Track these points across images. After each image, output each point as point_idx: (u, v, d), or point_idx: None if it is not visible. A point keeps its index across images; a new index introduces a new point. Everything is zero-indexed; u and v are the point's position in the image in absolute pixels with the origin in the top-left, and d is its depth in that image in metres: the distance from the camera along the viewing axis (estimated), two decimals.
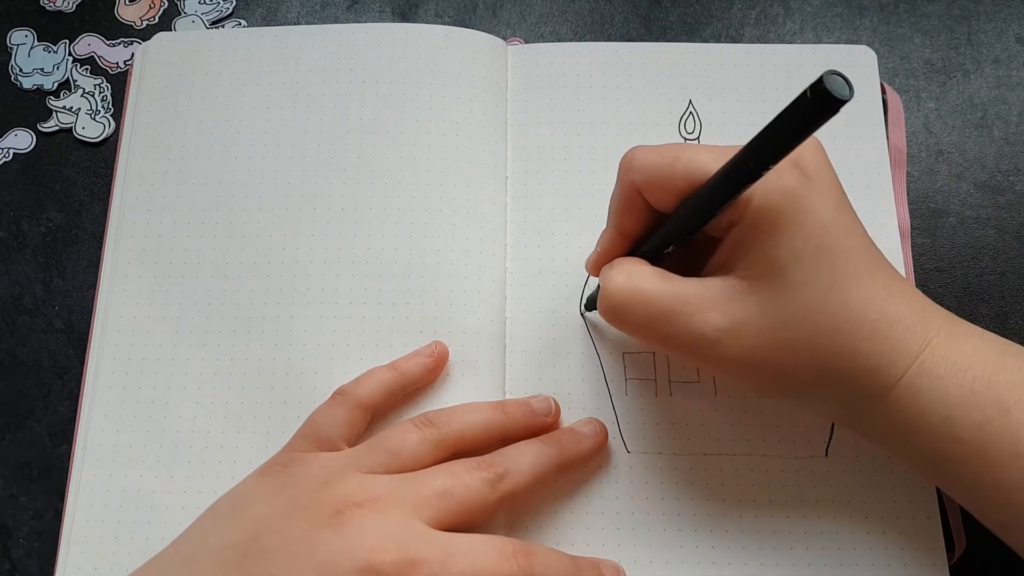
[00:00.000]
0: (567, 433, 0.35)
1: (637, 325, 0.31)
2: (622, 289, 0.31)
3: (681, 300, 0.30)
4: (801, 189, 0.28)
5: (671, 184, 0.30)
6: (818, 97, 0.22)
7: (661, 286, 0.31)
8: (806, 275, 0.28)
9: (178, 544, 0.32)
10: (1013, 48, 0.44)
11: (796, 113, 0.24)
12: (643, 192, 0.31)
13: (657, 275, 0.31)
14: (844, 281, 0.29)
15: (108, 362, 0.38)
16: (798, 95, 0.23)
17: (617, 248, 0.34)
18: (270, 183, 0.41)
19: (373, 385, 0.35)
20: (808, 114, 0.23)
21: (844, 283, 0.29)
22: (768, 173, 0.26)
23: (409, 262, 0.39)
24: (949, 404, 0.28)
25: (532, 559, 0.30)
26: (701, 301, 0.30)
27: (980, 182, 0.42)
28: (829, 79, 0.22)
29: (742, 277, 0.29)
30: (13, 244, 0.42)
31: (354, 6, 0.46)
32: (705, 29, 0.45)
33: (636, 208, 0.32)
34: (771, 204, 0.28)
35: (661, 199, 0.31)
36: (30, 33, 0.46)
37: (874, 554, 0.34)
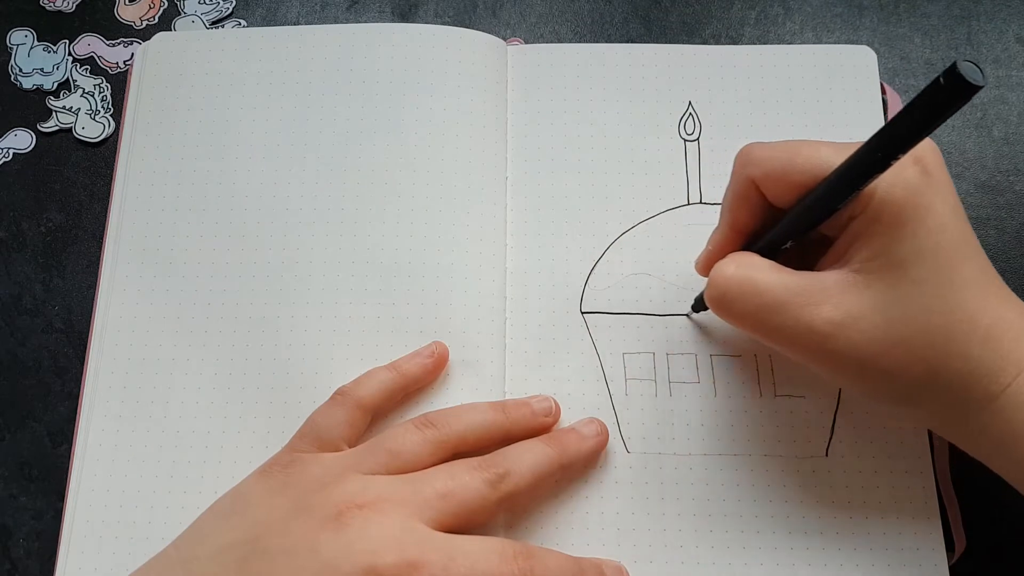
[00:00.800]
0: (568, 433, 0.35)
1: (745, 315, 0.31)
2: (732, 277, 0.31)
3: (793, 291, 0.30)
4: (924, 186, 0.28)
5: (791, 178, 0.30)
6: (951, 83, 0.23)
7: (772, 276, 0.30)
8: (925, 273, 0.28)
9: (178, 544, 0.32)
10: (1013, 48, 0.44)
11: (929, 99, 0.24)
12: (761, 186, 0.31)
13: (769, 266, 0.31)
14: (961, 283, 0.28)
15: (108, 362, 0.38)
16: (930, 82, 0.23)
17: (730, 244, 0.33)
18: (270, 183, 0.41)
19: (373, 386, 0.35)
20: (942, 100, 0.23)
21: (961, 285, 0.28)
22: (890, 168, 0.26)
23: (409, 262, 0.39)
24: None
25: (532, 561, 0.31)
26: (814, 293, 0.29)
27: (980, 182, 0.42)
28: (963, 65, 0.22)
29: (857, 271, 0.29)
30: (13, 244, 0.42)
31: (354, 6, 0.46)
32: (705, 29, 0.45)
33: (751, 203, 0.32)
34: (894, 198, 0.28)
35: (779, 194, 0.31)
36: (30, 33, 0.46)
37: (874, 554, 0.34)
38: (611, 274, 0.39)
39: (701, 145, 0.41)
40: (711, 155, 0.41)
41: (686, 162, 0.41)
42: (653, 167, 0.41)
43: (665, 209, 0.40)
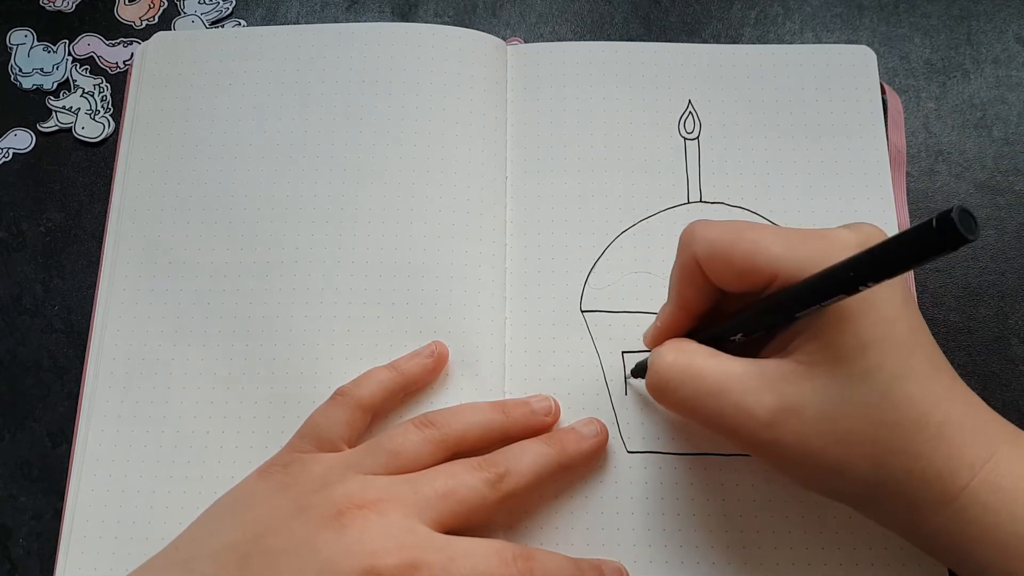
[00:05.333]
0: (568, 433, 0.35)
1: (684, 401, 0.30)
2: (673, 364, 0.30)
3: (733, 377, 0.29)
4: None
5: (731, 262, 0.29)
6: (942, 229, 0.21)
7: (712, 362, 0.30)
8: (870, 366, 0.27)
9: (178, 544, 0.32)
10: (1013, 48, 0.44)
11: (916, 238, 0.23)
12: (703, 267, 0.30)
13: (708, 352, 0.30)
14: (908, 377, 0.27)
15: (108, 362, 0.38)
16: (922, 222, 0.22)
17: (677, 324, 0.33)
18: (270, 183, 0.41)
19: (373, 386, 0.35)
20: (929, 243, 0.22)
21: (908, 379, 0.27)
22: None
23: (409, 262, 0.39)
24: (1018, 519, 0.27)
25: (532, 562, 0.31)
26: (755, 380, 0.29)
27: (980, 182, 0.42)
28: (959, 213, 0.21)
29: (801, 362, 0.28)
30: (13, 244, 0.42)
31: (354, 6, 0.46)
32: (705, 29, 0.45)
33: (697, 282, 0.31)
34: None
35: (721, 276, 0.30)
36: (30, 33, 0.46)
37: (874, 554, 0.34)
38: (611, 273, 0.39)
39: (701, 144, 0.41)
40: (711, 154, 0.41)
41: (686, 161, 0.41)
42: (653, 166, 0.41)
43: (665, 208, 0.40)
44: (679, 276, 0.32)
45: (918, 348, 0.28)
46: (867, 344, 0.27)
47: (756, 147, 0.41)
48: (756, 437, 0.29)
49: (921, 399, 0.28)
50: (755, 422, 0.28)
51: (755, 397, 0.28)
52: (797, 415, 0.28)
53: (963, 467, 0.28)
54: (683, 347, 0.31)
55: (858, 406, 0.27)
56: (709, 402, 0.29)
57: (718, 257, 0.30)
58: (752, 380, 0.29)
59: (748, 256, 0.29)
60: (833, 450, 0.28)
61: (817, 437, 0.28)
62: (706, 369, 0.30)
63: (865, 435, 0.28)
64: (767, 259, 0.28)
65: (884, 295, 0.28)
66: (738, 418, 0.29)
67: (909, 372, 0.28)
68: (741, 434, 0.29)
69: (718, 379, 0.29)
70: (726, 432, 0.30)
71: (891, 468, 0.28)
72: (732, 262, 0.29)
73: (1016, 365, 0.39)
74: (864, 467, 0.28)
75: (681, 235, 0.31)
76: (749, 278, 0.29)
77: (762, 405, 0.28)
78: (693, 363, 0.30)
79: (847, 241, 0.28)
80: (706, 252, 0.30)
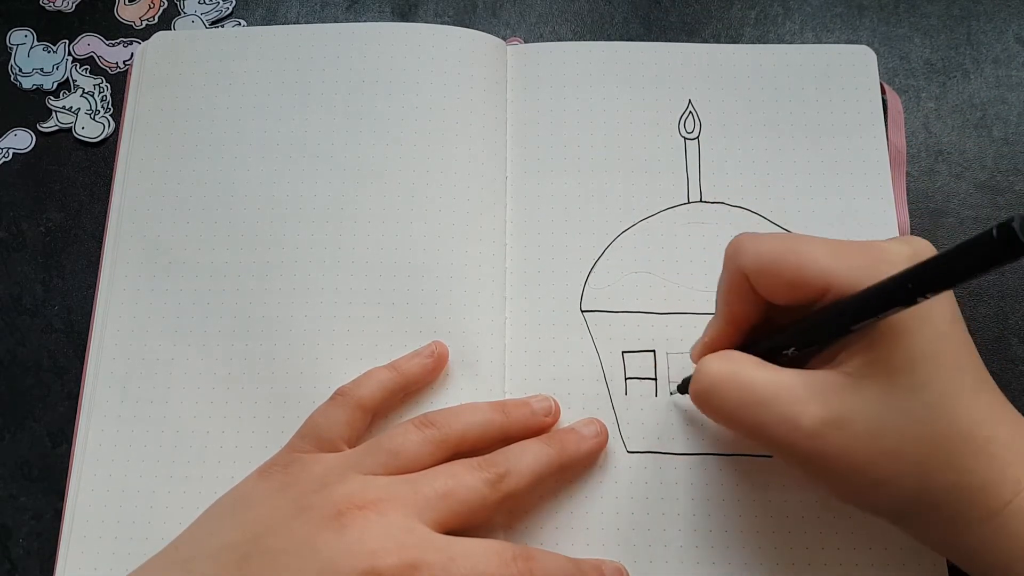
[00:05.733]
0: (568, 433, 0.35)
1: (729, 410, 0.30)
2: (718, 373, 0.30)
3: (780, 387, 0.29)
4: None
5: (782, 275, 0.29)
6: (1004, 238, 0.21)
7: (758, 372, 0.29)
8: (919, 382, 0.27)
9: (178, 544, 0.32)
10: (1013, 48, 0.44)
11: (976, 249, 0.22)
12: (752, 280, 0.30)
13: (755, 362, 0.30)
14: (956, 394, 0.27)
15: (108, 362, 0.38)
16: (981, 232, 0.22)
17: (725, 338, 0.32)
18: (270, 183, 0.41)
19: (373, 386, 0.35)
20: (989, 253, 0.22)
21: (956, 396, 0.27)
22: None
23: (409, 262, 0.39)
24: None
25: (532, 563, 0.31)
26: (802, 391, 0.28)
27: (980, 182, 0.42)
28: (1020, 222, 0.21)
29: (849, 374, 0.28)
30: (13, 244, 0.42)
31: (354, 6, 0.46)
32: (705, 29, 0.45)
33: (744, 295, 0.31)
34: None
35: (770, 289, 0.30)
36: (30, 33, 0.46)
37: (874, 554, 0.34)
38: (611, 273, 0.39)
39: (701, 143, 0.41)
40: (711, 153, 0.41)
41: (686, 160, 0.41)
42: (653, 165, 0.41)
43: (665, 207, 0.40)
44: (726, 290, 0.31)
45: (967, 365, 0.28)
46: (918, 359, 0.27)
47: (756, 147, 0.41)
48: (800, 448, 0.28)
49: (968, 415, 0.27)
50: (800, 433, 0.28)
51: (801, 408, 0.28)
52: (843, 428, 0.28)
53: (1007, 483, 0.27)
54: (730, 356, 0.31)
55: (906, 421, 0.27)
56: (754, 411, 0.29)
57: (767, 270, 0.29)
58: (799, 391, 0.28)
59: (798, 269, 0.29)
60: (879, 464, 0.28)
61: (863, 451, 0.28)
62: (752, 378, 0.29)
63: (912, 450, 0.27)
64: (818, 271, 0.28)
65: (937, 311, 0.27)
66: (783, 428, 0.28)
67: (958, 389, 0.27)
68: (785, 445, 0.29)
69: (764, 388, 0.29)
70: (770, 442, 0.29)
71: (935, 483, 0.28)
72: (782, 275, 0.29)
73: (1016, 365, 0.39)
74: (908, 482, 0.28)
75: (727, 249, 0.31)
76: (800, 291, 0.29)
77: (808, 416, 0.28)
78: (739, 372, 0.30)
79: (899, 253, 0.28)
80: (754, 266, 0.30)
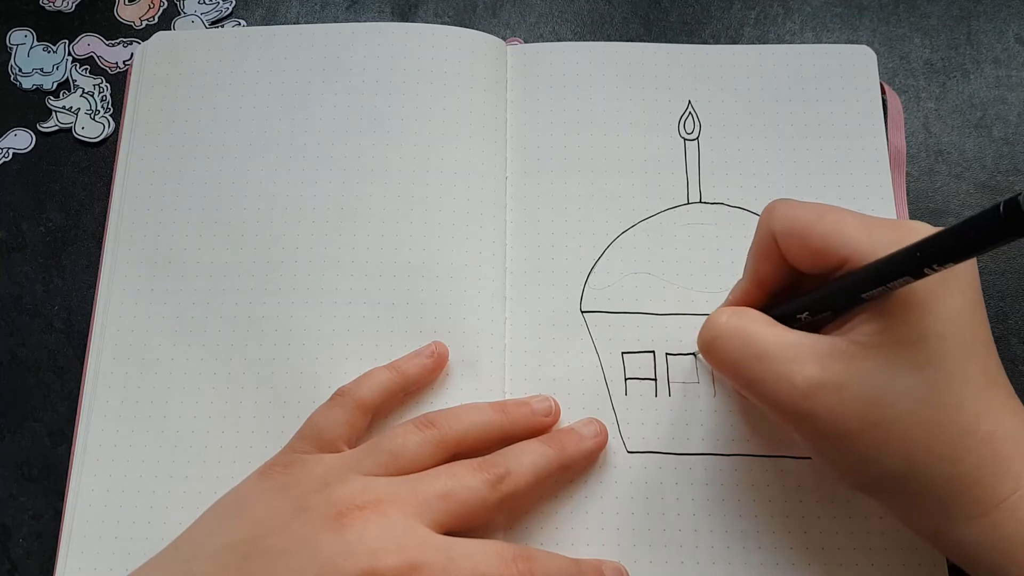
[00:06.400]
0: (568, 433, 0.35)
1: (729, 361, 0.30)
2: (725, 325, 0.31)
3: (783, 345, 0.29)
4: (945, 273, 0.26)
5: (808, 242, 0.29)
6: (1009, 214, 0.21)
7: (764, 328, 0.30)
8: (925, 358, 0.27)
9: (178, 544, 0.32)
10: (1013, 48, 0.44)
11: (982, 224, 0.23)
12: (779, 243, 0.30)
13: (764, 319, 0.30)
14: (962, 381, 0.27)
15: (108, 362, 0.38)
16: (989, 206, 0.22)
17: (749, 299, 0.32)
18: (269, 183, 0.41)
19: (373, 386, 0.35)
20: (995, 228, 0.22)
21: (962, 383, 0.27)
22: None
23: (409, 262, 0.39)
24: None
25: (532, 563, 0.31)
26: (802, 351, 0.28)
27: (979, 182, 0.42)
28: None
29: (855, 341, 0.28)
30: (13, 244, 0.42)
31: (354, 6, 0.46)
32: (705, 29, 0.45)
33: (773, 258, 0.31)
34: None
35: (796, 254, 0.30)
36: (30, 33, 0.46)
37: (874, 554, 0.34)
38: (611, 273, 0.39)
39: (701, 144, 0.41)
40: (711, 154, 0.41)
41: (686, 161, 0.41)
42: (653, 166, 0.41)
43: (665, 208, 0.40)
44: (755, 252, 0.32)
45: (978, 355, 0.28)
46: (927, 336, 0.27)
47: (756, 147, 0.41)
48: (792, 406, 0.28)
49: (972, 406, 0.27)
50: (793, 390, 0.28)
51: (798, 367, 0.28)
52: (836, 392, 0.28)
53: (1006, 480, 0.27)
54: (741, 311, 0.31)
55: (902, 398, 0.27)
56: (752, 365, 0.29)
57: (795, 235, 0.30)
58: (800, 350, 0.29)
59: (824, 236, 0.29)
60: (868, 435, 0.27)
61: (853, 418, 0.27)
62: (757, 333, 0.30)
63: (901, 430, 0.27)
64: (842, 241, 0.28)
65: (954, 293, 0.27)
66: (777, 384, 0.29)
67: (964, 376, 0.27)
68: (777, 401, 0.29)
69: (766, 344, 0.29)
70: (764, 398, 0.30)
71: (923, 468, 0.27)
72: (808, 241, 0.29)
73: (1016, 365, 0.39)
74: (893, 462, 0.28)
75: (762, 212, 0.31)
76: (822, 259, 0.29)
77: (803, 375, 0.28)
78: (746, 326, 0.30)
79: (924, 231, 0.28)
80: (784, 229, 0.30)
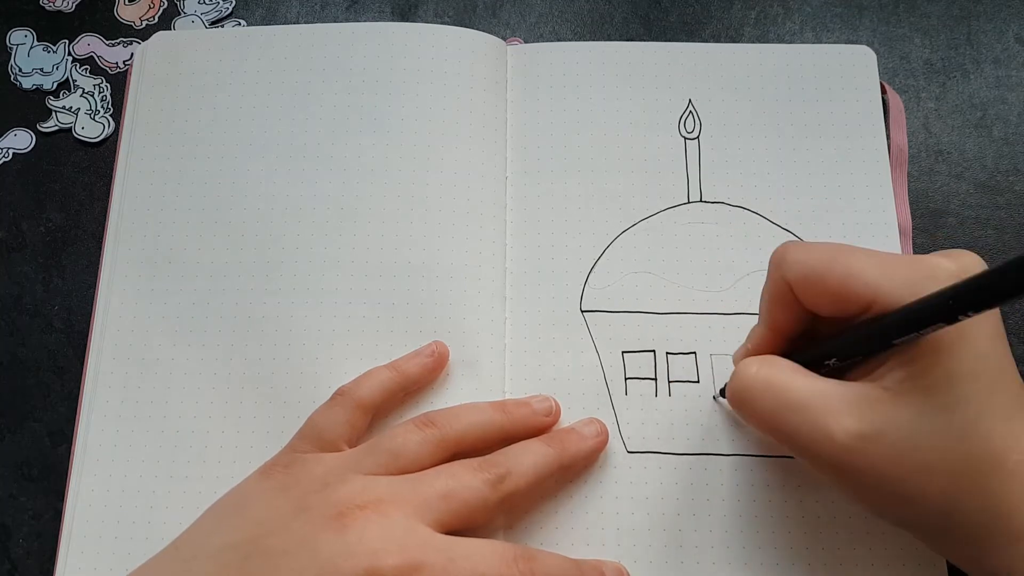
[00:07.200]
0: (568, 433, 0.35)
1: (764, 414, 0.30)
2: (754, 376, 0.30)
3: (816, 395, 0.29)
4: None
5: (826, 287, 0.29)
6: None
7: (796, 378, 0.29)
8: (955, 400, 0.27)
9: (178, 544, 0.32)
10: (1013, 48, 0.44)
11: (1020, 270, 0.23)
12: (795, 290, 0.30)
13: (793, 368, 0.30)
14: (991, 415, 0.27)
15: (108, 362, 0.38)
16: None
17: (767, 345, 0.32)
18: (269, 183, 0.41)
19: (374, 385, 0.35)
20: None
21: (991, 416, 0.27)
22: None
23: (409, 262, 0.39)
24: None
25: (533, 563, 0.31)
26: (837, 401, 0.28)
27: (980, 182, 0.42)
28: None
29: (887, 388, 0.28)
30: (13, 244, 0.42)
31: (354, 6, 0.46)
32: (705, 29, 0.45)
33: (788, 305, 0.31)
34: None
35: (814, 300, 0.30)
36: (30, 33, 0.46)
37: (874, 554, 0.34)
38: (611, 273, 0.39)
39: (701, 143, 0.41)
40: (711, 153, 0.41)
41: (686, 160, 0.41)
42: (653, 165, 0.41)
43: (665, 207, 0.40)
44: (769, 299, 0.31)
45: (1005, 385, 0.28)
46: (956, 378, 0.27)
47: (756, 147, 0.41)
48: (832, 459, 0.28)
49: (1001, 437, 0.27)
50: (832, 444, 0.28)
51: (836, 419, 0.28)
52: (877, 442, 0.28)
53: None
54: (769, 360, 0.31)
55: (939, 438, 0.27)
56: (788, 417, 0.29)
57: (811, 281, 0.29)
58: (835, 401, 0.28)
59: (843, 281, 0.28)
60: (909, 480, 0.28)
61: (895, 466, 0.28)
62: (789, 384, 0.29)
63: (942, 467, 0.27)
64: (863, 285, 0.28)
65: (978, 330, 0.27)
66: (815, 437, 0.28)
67: (993, 409, 0.27)
68: (817, 454, 0.29)
69: (800, 395, 0.29)
70: (802, 450, 0.29)
71: (963, 502, 0.27)
72: (827, 287, 0.29)
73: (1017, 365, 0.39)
74: (937, 501, 0.28)
75: (771, 256, 0.31)
76: (844, 303, 0.29)
77: (842, 427, 0.28)
78: (776, 376, 0.30)
79: (945, 269, 0.28)
80: (798, 276, 0.30)
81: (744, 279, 0.39)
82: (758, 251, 0.39)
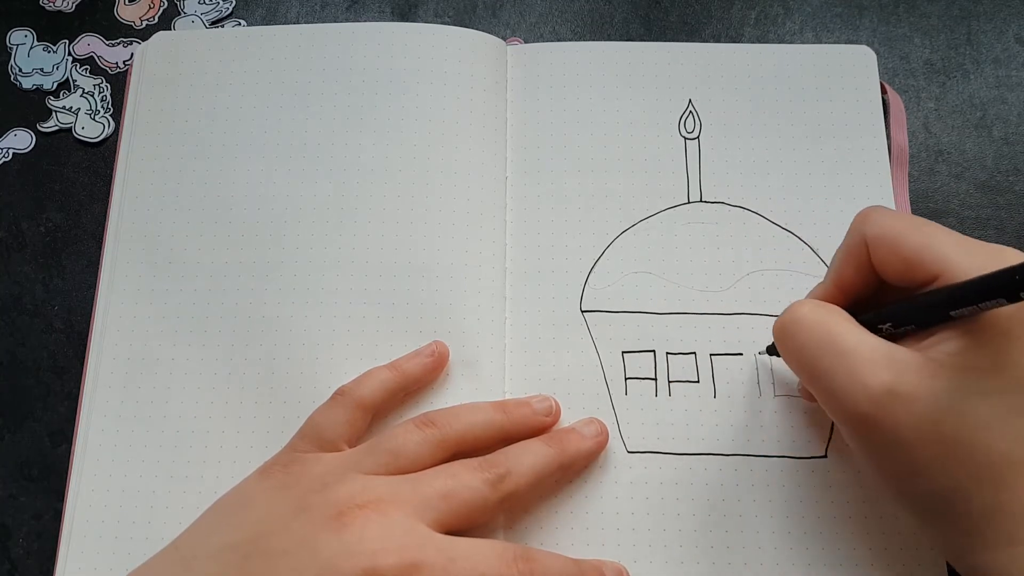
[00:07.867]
0: (568, 433, 0.35)
1: (805, 350, 0.30)
2: (807, 312, 0.30)
3: (862, 345, 0.28)
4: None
5: (900, 250, 0.29)
6: None
7: (847, 326, 0.29)
8: (995, 388, 0.27)
9: (178, 544, 0.32)
10: (1013, 48, 0.44)
11: None
12: (871, 248, 0.30)
13: (846, 317, 0.30)
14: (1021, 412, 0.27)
15: (108, 362, 0.38)
16: None
17: (829, 299, 0.32)
18: (269, 183, 0.41)
19: (374, 385, 0.35)
20: None
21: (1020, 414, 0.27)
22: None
23: (409, 262, 0.39)
24: None
25: (533, 564, 0.31)
26: (880, 356, 0.28)
27: (980, 182, 0.42)
28: None
29: (933, 358, 0.27)
30: (13, 244, 0.42)
31: (353, 6, 0.46)
32: (705, 29, 0.45)
33: (859, 263, 0.31)
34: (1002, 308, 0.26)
35: (886, 263, 0.30)
36: (30, 33, 0.46)
37: (873, 554, 0.34)
38: (611, 273, 0.39)
39: (701, 143, 0.41)
40: (711, 153, 0.41)
41: (686, 160, 0.41)
42: (653, 165, 0.41)
43: (665, 207, 0.40)
44: (843, 255, 0.32)
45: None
46: (1005, 366, 0.27)
47: (756, 147, 0.41)
48: (858, 411, 0.28)
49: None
50: (864, 392, 0.28)
51: (873, 370, 0.28)
52: (905, 403, 0.27)
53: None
54: (825, 305, 0.31)
55: (967, 421, 0.27)
56: (830, 359, 0.29)
57: (888, 243, 0.29)
58: (878, 355, 0.28)
59: (918, 249, 0.29)
60: (924, 450, 0.27)
61: (914, 431, 0.27)
62: (838, 328, 0.29)
63: (958, 449, 0.27)
64: (936, 257, 0.28)
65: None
66: (848, 381, 0.28)
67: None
68: (844, 402, 0.28)
69: (847, 341, 0.29)
70: (831, 395, 0.29)
71: (970, 492, 0.27)
72: (901, 251, 0.29)
73: None
74: (943, 479, 0.27)
75: (855, 216, 0.31)
76: (913, 272, 0.29)
77: (878, 379, 0.28)
78: (829, 318, 0.30)
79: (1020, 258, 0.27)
80: (877, 236, 0.30)
81: (744, 279, 0.39)
82: (758, 251, 0.39)
